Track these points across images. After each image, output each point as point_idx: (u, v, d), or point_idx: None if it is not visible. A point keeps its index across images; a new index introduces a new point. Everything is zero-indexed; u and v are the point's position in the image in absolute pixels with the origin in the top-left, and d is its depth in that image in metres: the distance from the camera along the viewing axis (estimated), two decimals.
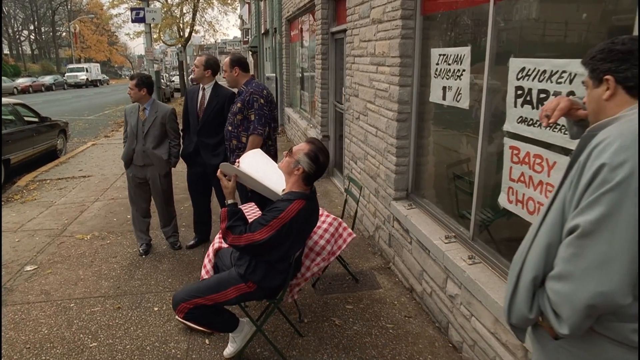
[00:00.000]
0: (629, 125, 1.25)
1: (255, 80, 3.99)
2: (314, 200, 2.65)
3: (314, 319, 3.35)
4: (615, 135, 1.23)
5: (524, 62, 2.39)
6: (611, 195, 1.18)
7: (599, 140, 1.26)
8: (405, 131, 3.87)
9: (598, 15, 2.18)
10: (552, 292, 1.32)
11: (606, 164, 1.20)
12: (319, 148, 2.56)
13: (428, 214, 3.61)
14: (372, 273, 4.06)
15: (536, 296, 1.39)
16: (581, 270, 1.23)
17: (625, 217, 1.17)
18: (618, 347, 1.31)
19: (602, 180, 1.20)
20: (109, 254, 4.54)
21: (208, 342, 3.08)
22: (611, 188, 1.18)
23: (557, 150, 2.23)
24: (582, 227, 1.23)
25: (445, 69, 3.27)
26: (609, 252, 1.19)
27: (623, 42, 1.33)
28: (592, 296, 1.21)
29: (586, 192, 1.24)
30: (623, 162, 1.18)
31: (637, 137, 1.21)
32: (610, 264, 1.19)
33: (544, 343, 1.46)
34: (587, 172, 1.24)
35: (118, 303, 3.62)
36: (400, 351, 2.98)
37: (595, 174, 1.22)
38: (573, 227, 1.26)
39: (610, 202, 1.18)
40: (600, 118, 1.40)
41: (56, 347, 3.06)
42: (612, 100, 1.35)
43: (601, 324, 1.31)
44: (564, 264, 1.28)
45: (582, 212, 1.24)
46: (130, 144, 4.26)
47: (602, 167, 1.20)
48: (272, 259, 2.55)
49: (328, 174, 7.40)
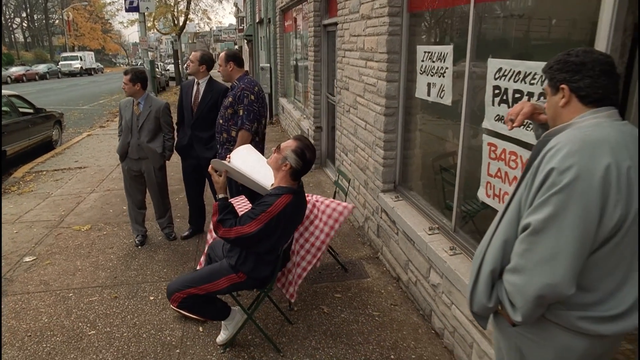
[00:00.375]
0: (577, 133, 1.37)
1: (249, 77, 4.08)
2: (301, 194, 2.77)
3: (303, 307, 3.49)
4: (565, 142, 1.35)
5: (500, 62, 2.50)
6: (558, 197, 1.31)
7: (551, 146, 1.38)
8: (393, 125, 3.98)
9: (569, 21, 2.29)
10: (508, 283, 1.45)
11: (555, 168, 1.32)
12: (306, 145, 2.67)
13: (414, 206, 3.74)
14: (361, 263, 4.20)
15: (495, 287, 1.53)
16: (532, 264, 1.36)
17: (570, 217, 1.30)
18: (566, 332, 1.45)
19: (551, 183, 1.33)
20: (106, 244, 4.66)
21: (202, 330, 3.22)
22: (558, 190, 1.31)
23: (531, 148, 2.35)
24: (533, 225, 1.36)
25: (429, 66, 3.37)
26: (555, 247, 1.32)
27: (577, 54, 1.45)
28: (540, 287, 1.35)
29: (538, 194, 1.37)
30: (570, 166, 1.30)
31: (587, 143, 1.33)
32: (557, 259, 1.32)
33: (504, 330, 1.60)
34: (539, 175, 1.37)
35: (115, 292, 3.75)
36: (385, 337, 3.13)
37: (546, 177, 1.34)
38: (525, 225, 1.39)
39: (557, 203, 1.31)
40: (558, 123, 1.52)
41: (56, 335, 3.20)
42: (567, 107, 1.47)
43: (551, 312, 1.44)
44: (518, 258, 1.41)
45: (534, 211, 1.37)
46: (125, 137, 4.36)
47: (551, 171, 1.33)
48: (261, 250, 2.68)
49: (321, 164, 7.52)
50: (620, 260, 1.38)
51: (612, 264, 1.38)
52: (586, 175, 1.30)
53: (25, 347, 3.06)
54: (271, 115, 12.42)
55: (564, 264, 1.32)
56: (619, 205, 1.31)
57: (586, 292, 1.41)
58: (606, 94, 1.43)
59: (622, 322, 1.40)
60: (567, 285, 1.34)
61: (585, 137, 1.35)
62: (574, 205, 1.30)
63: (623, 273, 1.39)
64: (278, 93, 12.13)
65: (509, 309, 1.47)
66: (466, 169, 3.03)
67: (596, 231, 1.33)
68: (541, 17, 2.46)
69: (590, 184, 1.30)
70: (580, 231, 1.31)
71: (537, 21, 2.49)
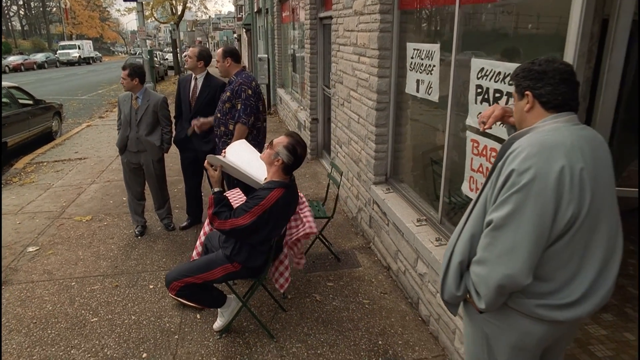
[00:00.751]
0: (537, 137, 1.50)
1: (246, 72, 4.18)
2: (293, 188, 2.90)
3: (296, 295, 3.64)
4: (525, 146, 1.48)
5: (482, 63, 2.62)
6: (517, 196, 1.44)
7: (513, 149, 1.51)
8: (384, 119, 4.10)
9: (544, 27, 2.40)
10: (473, 274, 1.59)
11: (515, 169, 1.45)
12: (297, 141, 2.80)
13: (404, 198, 3.87)
14: (354, 252, 4.35)
15: (463, 277, 1.67)
16: (494, 257, 1.50)
17: (528, 214, 1.44)
18: (526, 319, 1.59)
19: (511, 183, 1.46)
20: (107, 235, 4.80)
21: (199, 317, 3.38)
22: (517, 190, 1.44)
23: None
24: (495, 222, 1.49)
25: (418, 63, 3.49)
26: (514, 242, 1.46)
27: (540, 64, 1.57)
28: (501, 277, 1.49)
29: (500, 193, 1.50)
30: (528, 168, 1.43)
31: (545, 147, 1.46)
32: (515, 252, 1.46)
33: (472, 316, 1.74)
34: (502, 176, 1.50)
35: (116, 281, 3.89)
36: (374, 324, 3.29)
37: (507, 177, 1.47)
38: (489, 222, 1.52)
39: (516, 201, 1.44)
40: (524, 126, 1.64)
41: (60, 322, 3.35)
42: (531, 112, 1.60)
43: (513, 300, 1.59)
44: (482, 251, 1.55)
45: (496, 209, 1.50)
46: (124, 131, 4.47)
47: (512, 172, 1.46)
48: (255, 241, 2.82)
49: (317, 156, 7.64)
50: (574, 254, 1.52)
51: (566, 256, 1.52)
52: (542, 176, 1.43)
53: (32, 334, 3.21)
54: (269, 106, 12.50)
55: (522, 257, 1.46)
56: (571, 204, 1.45)
57: (543, 282, 1.54)
58: (566, 100, 1.55)
59: (575, 309, 1.54)
60: (524, 276, 1.48)
61: (543, 141, 1.48)
62: (531, 203, 1.43)
63: (576, 265, 1.53)
64: (276, 84, 12.20)
65: (475, 298, 1.61)
66: (452, 163, 3.16)
67: (551, 227, 1.47)
68: (520, 23, 2.57)
69: (546, 185, 1.43)
70: (536, 227, 1.44)
71: (517, 26, 2.60)
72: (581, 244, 1.51)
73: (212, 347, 3.06)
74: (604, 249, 1.54)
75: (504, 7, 2.70)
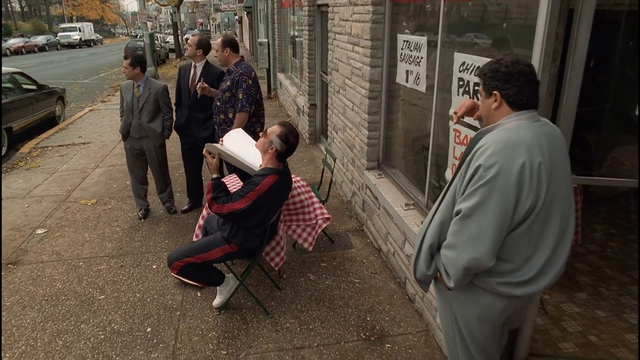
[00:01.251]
0: (502, 135, 1.67)
1: (245, 62, 4.33)
2: (286, 174, 3.09)
3: (291, 275, 3.86)
4: (491, 143, 1.65)
5: (464, 57, 2.77)
6: (484, 189, 1.63)
7: (481, 145, 1.68)
8: (376, 107, 4.26)
9: (516, 27, 2.55)
10: (444, 256, 1.78)
11: (482, 165, 1.63)
12: (290, 130, 2.97)
13: (394, 183, 4.06)
14: (347, 235, 4.56)
15: (434, 259, 1.86)
16: (462, 243, 1.69)
17: (492, 205, 1.62)
18: (489, 294, 1.80)
19: (478, 177, 1.64)
20: (111, 218, 5.01)
21: (200, 295, 3.60)
22: (483, 184, 1.62)
23: None
24: (463, 211, 1.68)
25: (408, 55, 3.63)
26: (480, 229, 1.65)
27: (506, 65, 1.73)
28: (468, 260, 1.68)
29: (468, 185, 1.68)
30: (493, 164, 1.61)
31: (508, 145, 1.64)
32: (481, 238, 1.65)
33: (442, 292, 1.95)
34: (470, 170, 1.68)
35: (121, 262, 4.11)
36: (363, 302, 3.50)
37: (475, 172, 1.65)
38: (457, 211, 1.71)
39: (482, 193, 1.63)
40: (490, 121, 1.82)
41: (70, 299, 3.58)
42: (498, 110, 1.77)
43: (478, 278, 1.79)
44: (451, 237, 1.74)
45: (464, 200, 1.68)
46: (126, 118, 4.65)
47: (479, 167, 1.64)
48: (251, 224, 3.02)
49: (315, 140, 7.81)
50: (531, 238, 1.71)
51: (525, 241, 1.71)
52: (506, 171, 1.61)
53: (44, 309, 3.44)
54: (269, 90, 12.62)
55: (486, 243, 1.66)
56: (530, 196, 1.64)
57: (504, 263, 1.74)
58: (529, 99, 1.73)
59: (530, 286, 1.75)
60: (488, 259, 1.68)
61: (507, 139, 1.65)
62: (495, 196, 1.62)
63: (532, 248, 1.72)
64: (276, 68, 12.29)
65: (445, 277, 1.80)
66: (438, 151, 3.33)
67: (512, 216, 1.66)
68: (495, 21, 2.72)
69: (509, 179, 1.61)
70: (499, 217, 1.64)
71: (493, 24, 2.75)
72: (537, 229, 1.70)
73: (211, 322, 3.29)
74: (556, 233, 1.73)
75: (485, 5, 2.84)
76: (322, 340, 3.09)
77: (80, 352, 3.01)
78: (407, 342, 3.07)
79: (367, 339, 3.10)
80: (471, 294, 1.84)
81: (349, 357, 2.94)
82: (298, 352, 2.99)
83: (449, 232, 1.77)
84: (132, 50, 23.54)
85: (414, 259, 1.93)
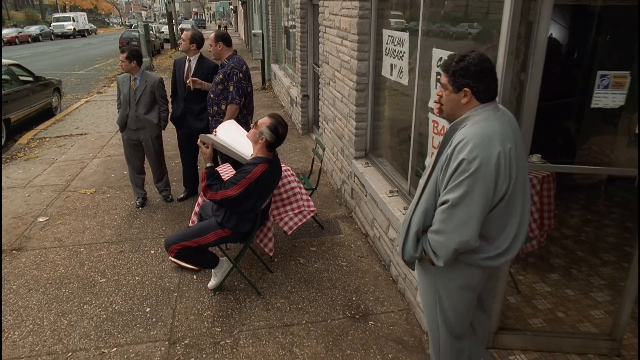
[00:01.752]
0: (477, 129, 1.86)
1: (237, 56, 4.51)
2: (276, 163, 3.29)
3: (282, 259, 4.08)
4: (470, 137, 1.85)
5: (441, 52, 2.96)
6: (468, 180, 1.83)
7: (461, 138, 1.87)
8: (364, 99, 4.45)
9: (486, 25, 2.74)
10: (433, 241, 1.99)
11: (465, 159, 1.83)
12: (279, 122, 3.17)
13: (380, 171, 4.26)
14: (336, 221, 4.77)
15: (420, 241, 2.07)
16: (451, 228, 1.91)
17: (476, 193, 1.84)
18: (471, 267, 2.05)
19: (462, 170, 1.84)
20: (110, 206, 5.21)
21: (195, 278, 3.81)
22: (468, 176, 1.83)
23: None
24: (451, 201, 1.88)
25: (392, 49, 3.82)
26: (467, 216, 1.86)
27: (475, 64, 1.91)
28: (458, 243, 1.91)
29: (452, 177, 1.88)
30: (475, 157, 1.81)
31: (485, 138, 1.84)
32: (468, 224, 1.87)
33: (426, 268, 2.18)
34: (453, 163, 1.87)
35: (120, 247, 4.32)
36: (350, 283, 3.73)
37: (458, 165, 1.85)
38: (444, 201, 1.91)
39: (467, 185, 1.83)
40: (457, 114, 2.01)
41: (72, 282, 3.78)
42: (467, 104, 1.96)
43: (464, 255, 2.03)
44: (440, 224, 1.94)
45: (451, 191, 1.88)
46: (124, 110, 4.82)
47: (462, 161, 1.83)
48: (243, 210, 3.23)
49: (308, 131, 8.00)
50: (503, 215, 1.95)
51: (500, 219, 1.96)
52: (486, 163, 1.82)
53: (48, 292, 3.65)
54: (264, 81, 12.76)
55: (473, 227, 1.89)
56: (505, 180, 1.86)
57: (484, 240, 1.99)
58: (493, 93, 1.94)
59: (504, 257, 2.01)
60: (475, 240, 1.92)
61: (483, 132, 1.85)
62: (479, 185, 1.83)
63: (504, 224, 1.97)
64: (270, 59, 12.42)
65: (433, 257, 2.02)
66: (419, 140, 3.53)
67: (492, 200, 1.88)
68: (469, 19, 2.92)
69: (489, 169, 1.82)
70: (482, 203, 1.86)
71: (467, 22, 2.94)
72: (508, 208, 1.94)
73: (206, 302, 3.50)
74: (520, 210, 1.97)
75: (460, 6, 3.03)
76: (310, 318, 3.31)
77: (84, 330, 3.22)
78: (389, 320, 3.30)
79: (352, 317, 3.33)
80: (455, 268, 2.08)
81: (335, 333, 3.16)
82: (287, 329, 3.21)
83: (437, 220, 1.96)
84: (126, 40, 23.55)
85: (401, 244, 2.14)
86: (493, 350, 2.89)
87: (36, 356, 2.99)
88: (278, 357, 2.95)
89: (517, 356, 2.86)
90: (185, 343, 3.08)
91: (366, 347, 3.02)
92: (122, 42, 24.07)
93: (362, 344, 3.06)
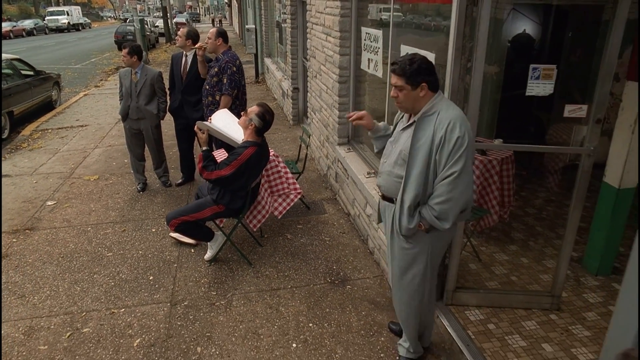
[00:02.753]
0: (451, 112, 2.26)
1: (231, 51, 4.92)
2: (264, 146, 3.72)
3: (271, 235, 4.51)
4: (454, 118, 2.25)
5: (408, 49, 3.38)
6: (466, 152, 2.24)
7: (447, 121, 2.24)
8: (345, 91, 4.88)
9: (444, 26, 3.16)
10: (441, 210, 2.33)
11: (459, 136, 2.24)
12: (266, 110, 3.60)
13: (360, 156, 4.70)
14: (322, 202, 5.21)
15: (415, 214, 2.44)
16: (457, 194, 2.29)
17: (469, 161, 2.28)
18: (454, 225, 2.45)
19: (459, 145, 2.24)
20: (113, 191, 5.62)
21: (193, 251, 4.24)
22: (465, 148, 2.24)
23: None
24: (457, 172, 2.25)
25: (369, 45, 4.24)
26: (468, 180, 2.29)
27: (424, 62, 2.31)
28: (463, 204, 2.32)
29: (451, 153, 2.25)
30: (464, 133, 2.24)
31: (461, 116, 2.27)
32: (469, 185, 2.31)
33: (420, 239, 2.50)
34: (449, 142, 2.24)
35: (124, 227, 4.74)
36: (331, 255, 4.17)
37: (455, 142, 2.23)
38: (450, 174, 2.27)
39: (465, 155, 2.25)
40: (417, 107, 2.40)
41: (82, 256, 4.21)
42: (425, 96, 2.38)
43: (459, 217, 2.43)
44: (447, 194, 2.29)
45: (454, 164, 2.25)
46: (125, 101, 5.23)
47: (458, 138, 2.23)
48: (235, 188, 3.66)
49: (298, 121, 8.41)
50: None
51: None
52: (469, 135, 2.26)
53: (61, 264, 4.07)
54: (257, 75, 13.14)
55: (471, 188, 2.33)
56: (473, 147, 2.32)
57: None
58: (439, 83, 2.36)
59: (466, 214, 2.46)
60: (473, 199, 2.37)
61: (459, 114, 2.28)
62: (470, 154, 2.27)
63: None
64: (263, 53, 12.79)
65: (437, 224, 2.37)
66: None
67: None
68: (428, 20, 3.34)
69: (470, 139, 2.26)
70: (471, 167, 2.30)
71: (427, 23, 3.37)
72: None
73: (203, 271, 3.94)
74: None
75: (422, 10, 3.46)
76: (295, 284, 3.75)
77: (95, 295, 3.65)
78: (364, 284, 3.74)
79: (332, 282, 3.77)
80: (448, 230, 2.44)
81: (316, 295, 3.61)
82: (274, 292, 3.65)
83: (444, 191, 2.30)
84: (121, 35, 23.78)
85: (397, 219, 2.48)
86: (451, 307, 3.34)
87: (55, 315, 3.42)
88: (266, 315, 3.39)
89: (472, 311, 3.31)
90: (185, 304, 3.52)
91: (343, 306, 3.47)
92: (117, 36, 24.33)
93: (339, 303, 3.51)
